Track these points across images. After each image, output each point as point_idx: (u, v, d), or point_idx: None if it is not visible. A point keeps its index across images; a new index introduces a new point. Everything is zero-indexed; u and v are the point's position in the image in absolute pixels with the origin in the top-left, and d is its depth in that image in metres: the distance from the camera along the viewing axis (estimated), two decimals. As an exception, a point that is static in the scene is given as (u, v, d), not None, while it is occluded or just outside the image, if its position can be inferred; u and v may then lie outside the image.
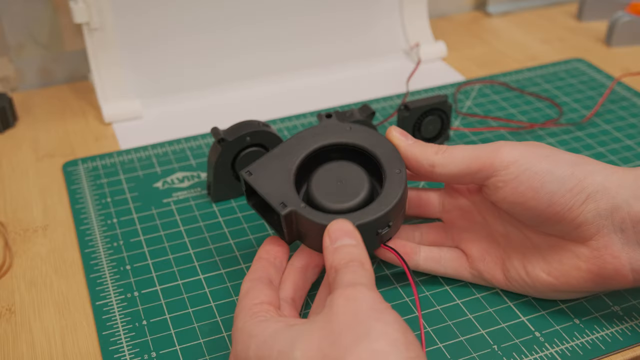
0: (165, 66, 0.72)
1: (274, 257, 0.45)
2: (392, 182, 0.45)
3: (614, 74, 0.77)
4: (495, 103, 0.72)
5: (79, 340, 0.46)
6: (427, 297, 0.49)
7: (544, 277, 0.45)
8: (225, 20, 0.72)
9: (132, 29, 0.70)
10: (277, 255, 0.46)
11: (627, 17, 0.82)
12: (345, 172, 0.47)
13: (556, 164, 0.43)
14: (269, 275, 0.44)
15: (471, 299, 0.48)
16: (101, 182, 0.60)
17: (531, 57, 0.81)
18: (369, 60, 0.79)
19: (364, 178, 0.46)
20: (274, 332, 0.37)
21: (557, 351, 0.45)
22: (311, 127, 0.48)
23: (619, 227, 0.42)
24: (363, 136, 0.48)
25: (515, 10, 0.93)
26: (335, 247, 0.41)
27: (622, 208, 0.42)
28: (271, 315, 0.39)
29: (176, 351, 0.45)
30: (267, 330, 0.38)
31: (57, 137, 0.68)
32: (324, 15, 0.76)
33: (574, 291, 0.45)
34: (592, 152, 0.64)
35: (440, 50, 0.80)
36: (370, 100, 0.72)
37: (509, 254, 0.47)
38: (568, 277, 0.44)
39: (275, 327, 0.38)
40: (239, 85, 0.75)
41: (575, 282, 0.44)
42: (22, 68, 0.75)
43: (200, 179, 0.61)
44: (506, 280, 0.47)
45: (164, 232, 0.55)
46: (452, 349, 0.45)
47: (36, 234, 0.55)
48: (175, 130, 0.68)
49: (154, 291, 0.49)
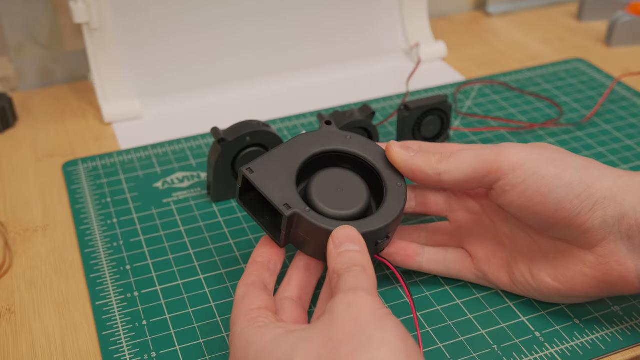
0: (165, 66, 0.72)
1: (268, 260, 0.45)
2: (393, 194, 0.45)
3: (614, 74, 0.77)
4: (495, 103, 0.72)
5: (79, 340, 0.46)
6: (427, 297, 0.49)
7: (550, 281, 0.45)
8: (224, 20, 0.72)
9: (132, 29, 0.70)
10: (272, 258, 0.45)
11: (627, 17, 0.82)
12: (345, 179, 0.46)
13: (564, 169, 0.42)
14: (264, 280, 0.43)
15: (471, 299, 0.48)
16: (101, 182, 0.60)
17: (531, 57, 0.81)
18: (369, 60, 0.79)
19: (363, 187, 0.46)
20: (273, 338, 0.37)
21: (557, 351, 0.45)
22: (310, 132, 0.48)
23: (626, 234, 0.41)
24: (363, 146, 0.47)
25: (515, 10, 0.93)
26: (339, 252, 0.41)
27: (629, 215, 0.41)
28: (270, 321, 0.39)
29: (176, 351, 0.45)
30: (266, 336, 0.37)
31: (57, 137, 0.68)
32: (324, 15, 0.76)
33: (579, 296, 0.45)
34: (592, 152, 0.64)
35: (440, 50, 0.80)
36: (370, 100, 0.72)
37: (515, 256, 0.47)
38: (573, 283, 0.44)
39: (275, 333, 0.37)
40: (239, 85, 0.75)
41: (581, 287, 0.44)
42: (22, 68, 0.75)
43: (200, 179, 0.61)
44: (511, 282, 0.47)
45: (164, 232, 0.55)
46: (452, 349, 0.45)
47: (36, 234, 0.55)
48: (175, 130, 0.68)
49: (154, 291, 0.49)
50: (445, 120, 0.62)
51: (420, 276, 0.50)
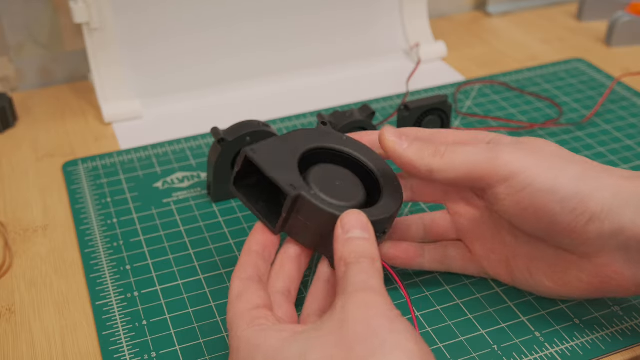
0: (166, 66, 0.72)
1: (263, 249, 0.43)
2: (389, 191, 0.45)
3: (614, 74, 0.77)
4: (495, 103, 0.72)
5: (79, 340, 0.46)
6: (427, 297, 0.49)
7: (547, 282, 0.45)
8: (224, 20, 0.72)
9: (132, 29, 0.70)
10: (267, 245, 0.43)
11: (627, 17, 0.82)
12: (341, 175, 0.46)
13: (560, 181, 0.41)
14: (259, 272, 0.42)
15: (471, 299, 0.48)
16: (101, 182, 0.60)
17: (531, 57, 0.81)
18: (369, 60, 0.79)
19: (359, 184, 0.46)
20: (281, 342, 0.36)
21: (557, 351, 0.45)
22: (307, 129, 0.47)
23: (624, 245, 0.41)
24: (358, 148, 0.47)
25: (515, 10, 0.93)
26: (348, 238, 0.40)
27: (627, 228, 0.40)
28: (272, 322, 0.38)
29: (176, 351, 0.45)
30: (272, 340, 0.36)
31: (57, 137, 0.68)
32: (324, 15, 0.76)
33: (576, 297, 0.46)
34: (592, 152, 0.64)
35: (440, 50, 0.80)
36: (370, 100, 0.72)
37: (515, 254, 0.46)
38: (570, 287, 0.44)
39: (281, 337, 0.36)
40: (239, 85, 0.75)
41: (578, 291, 0.44)
42: (22, 68, 0.75)
43: (200, 179, 0.61)
44: (510, 278, 0.47)
45: (164, 232, 0.55)
46: (452, 349, 0.45)
47: (36, 234, 0.55)
48: (175, 130, 0.68)
49: (154, 291, 0.49)
50: (445, 120, 0.62)
51: (420, 276, 0.50)
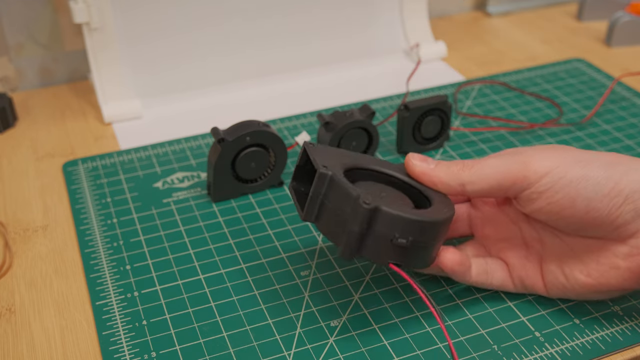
0: (166, 66, 0.72)
1: None
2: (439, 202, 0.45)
3: (614, 74, 0.77)
4: (495, 103, 0.72)
5: (79, 340, 0.46)
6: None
7: (583, 278, 0.45)
8: (224, 20, 0.72)
9: (132, 29, 0.70)
10: None
11: (627, 17, 0.82)
12: (388, 190, 0.46)
13: (590, 168, 0.42)
14: None
15: (471, 299, 0.48)
16: (101, 182, 0.60)
17: (531, 57, 0.81)
18: (369, 60, 0.79)
19: (406, 198, 0.46)
20: None
21: (557, 351, 0.45)
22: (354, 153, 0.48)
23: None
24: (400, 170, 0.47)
25: (515, 10, 0.93)
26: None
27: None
28: None
29: (176, 351, 0.45)
30: None
31: (57, 137, 0.68)
32: (324, 15, 0.76)
33: (614, 290, 0.45)
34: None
35: (440, 50, 0.80)
36: (370, 100, 0.72)
37: (545, 258, 0.46)
38: (607, 277, 0.44)
39: None
40: (239, 85, 0.75)
41: (615, 281, 0.44)
42: (22, 68, 0.75)
43: (200, 179, 0.61)
44: (545, 285, 0.47)
45: (164, 232, 0.55)
46: (452, 349, 0.45)
47: (36, 234, 0.55)
48: (175, 130, 0.68)
49: (154, 291, 0.49)
50: (445, 120, 0.62)
51: (420, 276, 0.50)
